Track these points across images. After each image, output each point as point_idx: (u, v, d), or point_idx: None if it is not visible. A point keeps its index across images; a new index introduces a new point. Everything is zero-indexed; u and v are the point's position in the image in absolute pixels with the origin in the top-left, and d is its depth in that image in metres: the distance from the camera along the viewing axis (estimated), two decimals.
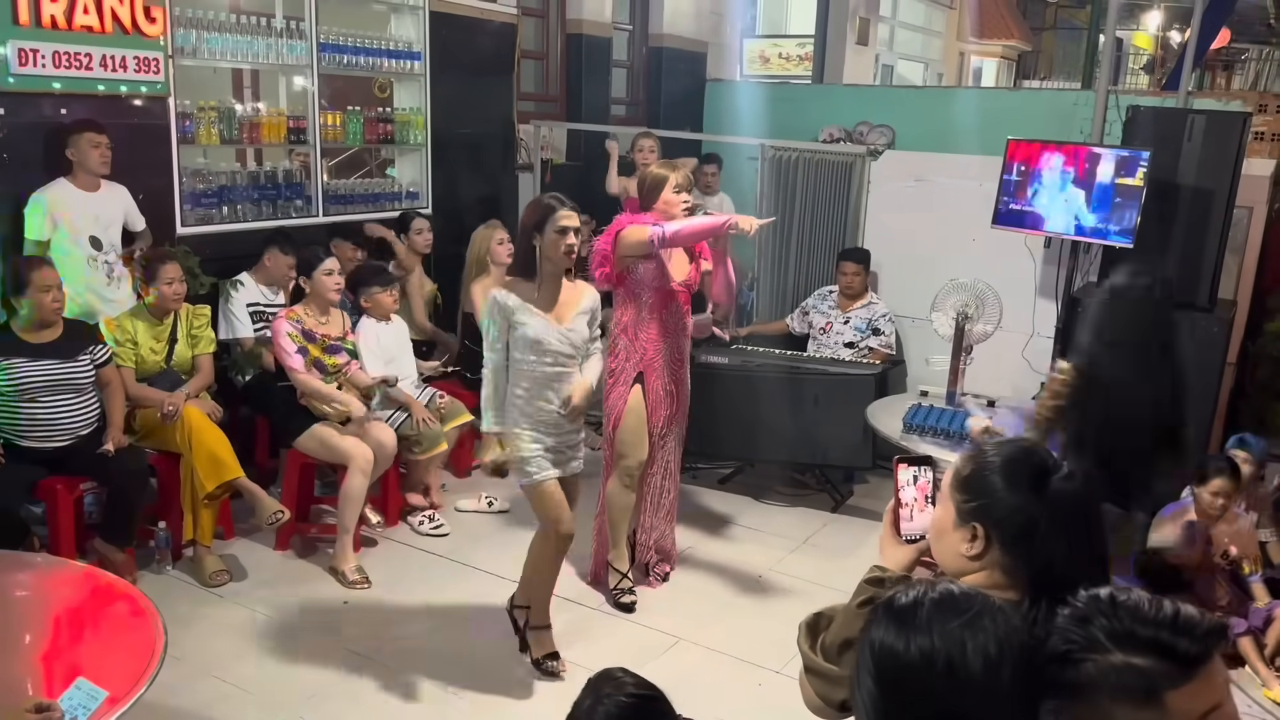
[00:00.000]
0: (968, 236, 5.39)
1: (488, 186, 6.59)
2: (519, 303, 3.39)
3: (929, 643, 1.16)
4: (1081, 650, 1.22)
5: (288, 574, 4.31)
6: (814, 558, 4.68)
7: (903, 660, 1.17)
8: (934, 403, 4.34)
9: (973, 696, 1.14)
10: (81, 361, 3.92)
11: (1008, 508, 1.60)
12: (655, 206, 3.98)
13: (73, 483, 3.91)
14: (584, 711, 2.03)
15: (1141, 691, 1.17)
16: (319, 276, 4.39)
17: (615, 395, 4.05)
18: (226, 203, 5.09)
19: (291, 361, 4.30)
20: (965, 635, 1.15)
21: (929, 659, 1.15)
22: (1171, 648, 1.16)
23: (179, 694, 3.30)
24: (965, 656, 1.14)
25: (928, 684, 1.15)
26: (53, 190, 4.19)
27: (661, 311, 3.99)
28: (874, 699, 1.19)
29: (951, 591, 1.21)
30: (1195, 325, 4.78)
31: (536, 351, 3.40)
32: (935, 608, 1.19)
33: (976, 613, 1.18)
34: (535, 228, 3.38)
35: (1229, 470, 4.04)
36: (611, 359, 4.02)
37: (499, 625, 3.79)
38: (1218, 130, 4.76)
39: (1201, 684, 1.17)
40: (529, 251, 3.41)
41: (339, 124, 5.54)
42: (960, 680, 1.14)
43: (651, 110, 8.23)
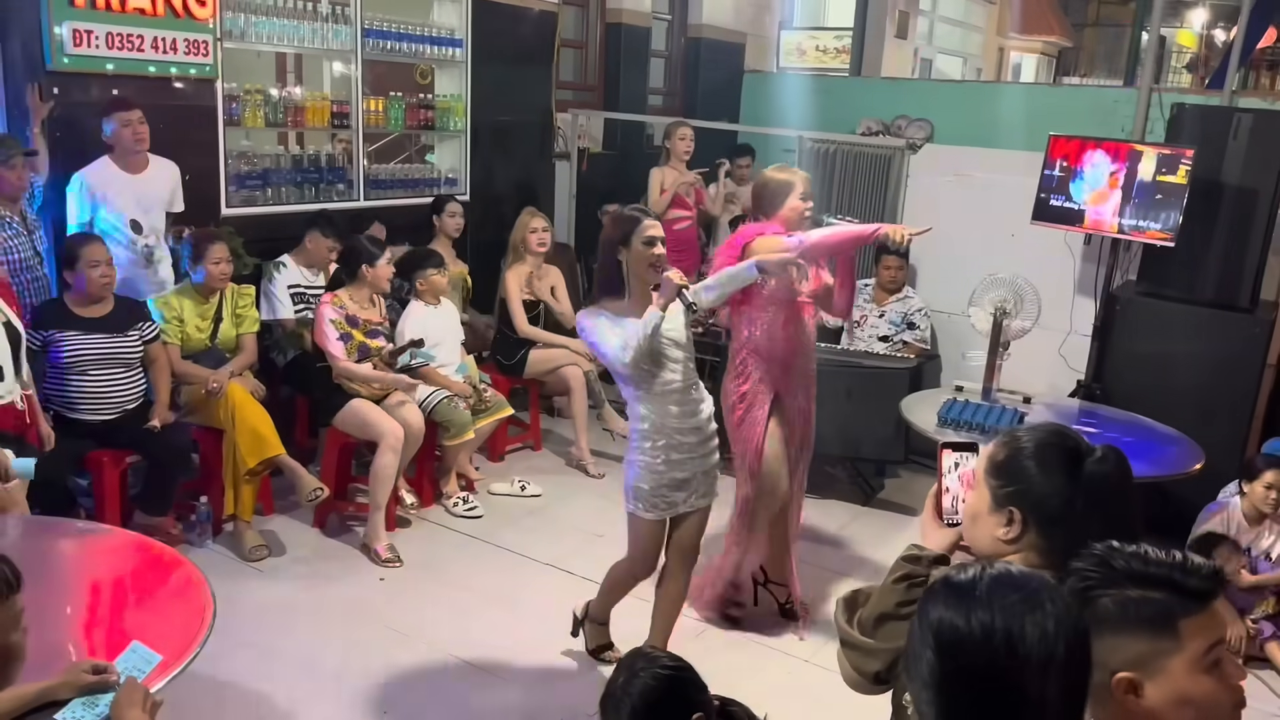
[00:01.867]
0: (1007, 232, 5.37)
1: (525, 174, 6.63)
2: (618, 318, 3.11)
3: (989, 617, 1.19)
4: (1099, 586, 1.32)
5: (325, 551, 4.38)
6: (844, 550, 4.70)
7: (962, 634, 1.20)
8: (969, 398, 4.33)
9: (1030, 672, 1.16)
10: (131, 337, 4.00)
11: (1043, 491, 1.66)
12: (778, 215, 3.65)
13: (119, 455, 4.00)
14: (619, 687, 2.08)
15: (1160, 619, 1.28)
16: (382, 266, 4.46)
17: (751, 423, 3.70)
18: (270, 185, 5.16)
19: (333, 349, 4.36)
20: (1025, 611, 1.18)
21: (989, 633, 1.18)
22: (1183, 584, 1.29)
23: (218, 664, 3.35)
24: (1024, 632, 1.17)
25: (987, 658, 1.18)
26: (94, 170, 4.25)
27: (793, 327, 3.69)
28: (933, 671, 1.22)
29: (1010, 570, 1.24)
30: (1235, 326, 4.75)
31: (657, 364, 3.13)
32: (994, 584, 1.22)
33: (1035, 590, 1.21)
34: (621, 242, 3.13)
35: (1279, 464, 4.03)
36: (741, 382, 3.72)
37: (531, 605, 3.84)
38: (1264, 129, 4.71)
39: (1210, 617, 1.29)
40: (615, 268, 3.15)
41: (381, 109, 5.59)
42: (1019, 655, 1.17)
43: (689, 101, 8.23)
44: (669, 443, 3.18)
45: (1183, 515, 4.29)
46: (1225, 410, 4.70)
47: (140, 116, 4.29)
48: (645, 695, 2.04)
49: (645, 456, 3.19)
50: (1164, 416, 4.40)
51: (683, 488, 3.24)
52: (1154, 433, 4.29)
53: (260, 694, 3.34)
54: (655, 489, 3.20)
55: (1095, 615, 1.30)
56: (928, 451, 5.27)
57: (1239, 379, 4.73)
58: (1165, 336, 4.86)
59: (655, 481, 3.19)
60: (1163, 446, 4.12)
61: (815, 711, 3.33)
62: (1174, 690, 1.29)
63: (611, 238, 3.16)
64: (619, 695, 2.07)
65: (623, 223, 3.15)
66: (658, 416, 3.16)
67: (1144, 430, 4.32)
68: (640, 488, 3.21)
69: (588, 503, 5.03)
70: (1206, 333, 4.78)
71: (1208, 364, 4.75)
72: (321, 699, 3.34)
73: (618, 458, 5.61)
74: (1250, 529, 4.09)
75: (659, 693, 2.05)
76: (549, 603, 3.97)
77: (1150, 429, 4.33)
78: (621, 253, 3.13)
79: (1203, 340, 4.78)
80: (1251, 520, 4.09)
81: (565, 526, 4.77)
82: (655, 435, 3.17)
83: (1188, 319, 4.83)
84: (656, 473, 3.19)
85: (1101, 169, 4.91)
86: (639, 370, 3.10)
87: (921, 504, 1.89)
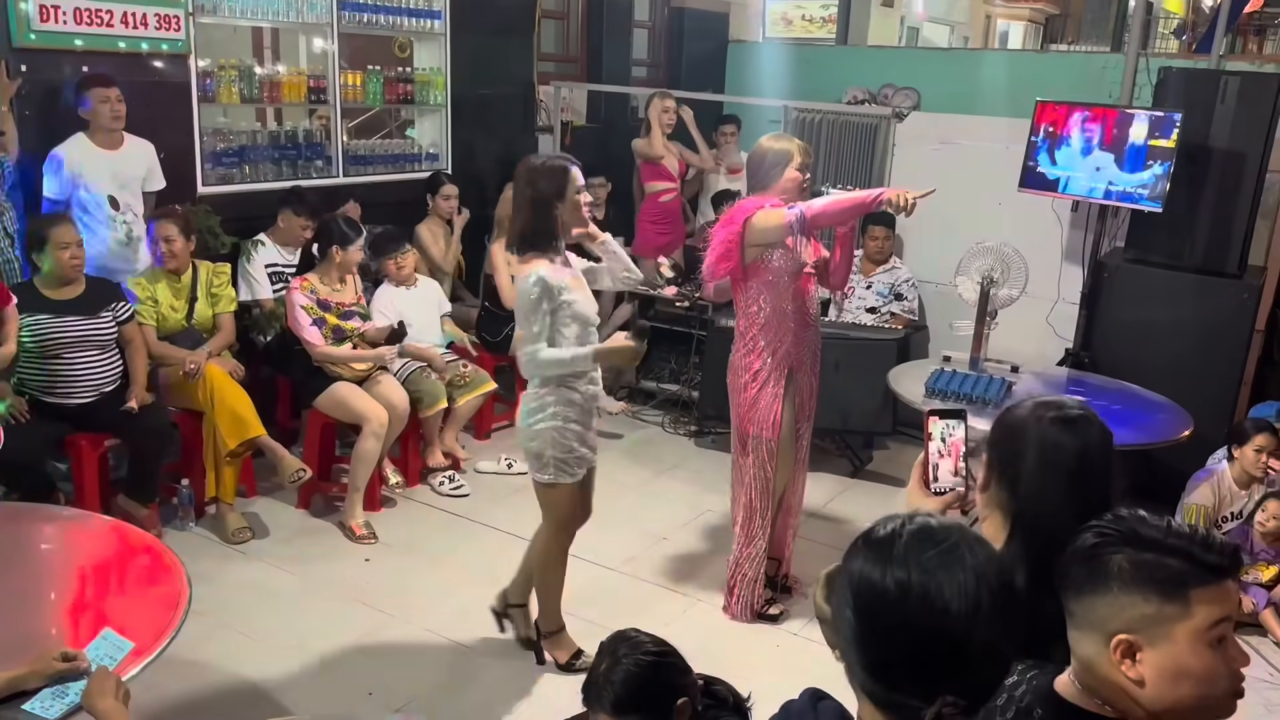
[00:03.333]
0: (994, 200, 5.32)
1: (507, 148, 6.54)
2: (561, 279, 3.06)
3: (905, 574, 1.16)
4: (1115, 544, 1.30)
5: (309, 532, 4.34)
6: (832, 522, 4.68)
7: (878, 590, 1.17)
8: (957, 368, 4.30)
9: (950, 628, 1.14)
10: (104, 318, 3.94)
11: (1009, 443, 1.79)
12: (775, 186, 3.53)
13: (97, 439, 3.95)
14: (601, 674, 2.04)
15: (1172, 583, 1.26)
16: (353, 252, 4.40)
17: (767, 398, 3.63)
18: (247, 162, 5.07)
19: (308, 335, 4.30)
20: (940, 566, 1.16)
21: (904, 589, 1.16)
22: (1201, 558, 1.27)
23: (201, 648, 3.34)
24: (940, 588, 1.15)
25: (902, 615, 1.16)
26: (70, 147, 4.17)
27: (801, 299, 3.60)
28: (852, 628, 1.20)
29: (929, 524, 1.21)
30: (1224, 292, 4.72)
31: (585, 329, 3.13)
32: (912, 539, 1.19)
33: (953, 544, 1.17)
34: (557, 195, 3.07)
35: (1269, 428, 4.01)
36: (754, 358, 3.64)
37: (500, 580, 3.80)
38: (1251, 93, 4.66)
39: (1221, 591, 1.28)
40: (552, 222, 3.08)
41: (359, 84, 5.50)
42: (936, 611, 1.14)
43: (673, 72, 8.12)
44: (579, 406, 3.17)
45: (1171, 482, 4.29)
46: (1213, 376, 4.67)
47: (119, 95, 4.21)
48: (628, 683, 2.00)
49: (555, 422, 3.14)
50: (1152, 383, 4.38)
51: (588, 443, 3.24)
52: (1142, 400, 4.27)
53: (244, 676, 3.31)
54: (570, 451, 3.18)
55: (1105, 571, 1.29)
56: (916, 423, 5.24)
57: (1227, 345, 4.71)
58: (1153, 303, 4.82)
59: (568, 444, 3.16)
60: (1151, 413, 4.10)
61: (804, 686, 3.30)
62: (1173, 660, 1.26)
63: (545, 192, 3.07)
64: (601, 683, 2.02)
65: (554, 175, 3.08)
66: (566, 387, 3.14)
67: (1132, 397, 4.30)
68: (554, 455, 3.16)
69: None
70: (1195, 299, 4.75)
71: (1196, 330, 4.72)
72: (306, 680, 3.31)
73: (604, 434, 5.56)
74: (1240, 493, 4.09)
75: (642, 679, 2.00)
76: None
77: (1138, 396, 4.31)
78: (557, 207, 3.07)
79: (1191, 306, 4.75)
80: (1241, 485, 4.09)
81: None
82: (564, 403, 3.14)
83: (1176, 285, 4.79)
84: (569, 436, 3.16)
85: (1087, 135, 4.85)
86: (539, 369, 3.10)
87: (910, 475, 1.88)
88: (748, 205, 3.57)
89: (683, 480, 5.12)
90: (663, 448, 5.54)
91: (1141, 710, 1.29)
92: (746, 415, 3.69)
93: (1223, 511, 4.09)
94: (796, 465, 3.88)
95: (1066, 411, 1.80)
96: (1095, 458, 1.76)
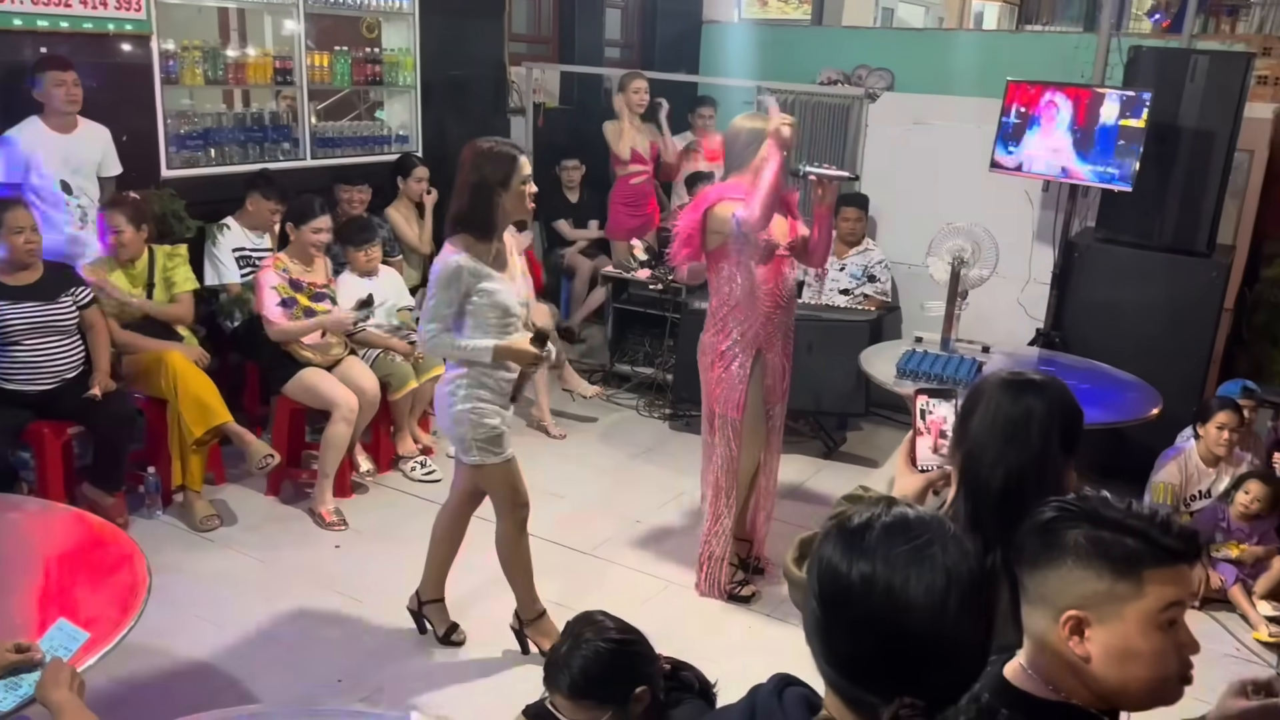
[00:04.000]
0: (966, 180, 5.31)
1: (479, 130, 6.36)
2: (482, 267, 3.04)
3: (870, 567, 1.12)
4: (1074, 520, 1.29)
5: (279, 518, 4.30)
6: (806, 504, 4.68)
7: (843, 582, 1.13)
8: (929, 348, 4.30)
9: (912, 625, 1.09)
10: (63, 303, 3.87)
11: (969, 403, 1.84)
12: (752, 165, 3.48)
13: (59, 427, 3.89)
14: (561, 655, 2.02)
15: (1126, 561, 1.25)
16: (307, 232, 4.31)
17: (732, 378, 3.63)
18: (213, 145, 5.00)
19: (269, 313, 4.24)
20: (910, 562, 1.11)
21: (869, 583, 1.11)
22: (1158, 540, 1.26)
23: (169, 636, 3.30)
24: (907, 584, 1.10)
25: (866, 609, 1.11)
26: (25, 130, 4.10)
27: (774, 282, 3.57)
28: (816, 618, 1.17)
29: (906, 516, 1.16)
30: (1193, 271, 4.74)
31: (503, 318, 3.10)
32: (885, 531, 1.14)
33: (925, 540, 1.12)
34: (501, 183, 3.02)
35: (1231, 405, 4.04)
36: (722, 339, 3.63)
37: (490, 568, 3.78)
38: (1220, 71, 4.67)
39: (1176, 574, 1.27)
40: (491, 208, 3.03)
41: (326, 65, 5.42)
42: (899, 608, 1.10)
43: (646, 53, 8.08)
44: (494, 383, 3.15)
45: (1142, 460, 4.32)
46: (1183, 355, 4.70)
47: (75, 79, 4.13)
48: (586, 668, 1.98)
49: (473, 404, 3.12)
50: (1122, 362, 4.39)
51: (508, 422, 3.23)
52: (1112, 379, 4.29)
53: (212, 665, 3.28)
54: (490, 430, 3.15)
55: (1061, 545, 1.28)
56: (889, 404, 5.26)
57: (1196, 323, 4.73)
58: (1123, 282, 4.84)
59: (485, 424, 3.14)
60: (1121, 392, 4.12)
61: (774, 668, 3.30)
62: (1121, 639, 1.25)
63: (489, 178, 3.02)
64: (560, 664, 2.01)
65: (501, 161, 3.03)
66: (480, 369, 3.11)
67: (1102, 376, 4.31)
68: (474, 437, 3.14)
69: (548, 464, 4.96)
70: (1164, 278, 4.77)
71: (1166, 309, 4.74)
72: (275, 668, 3.28)
73: (579, 418, 5.56)
74: (1207, 470, 4.12)
75: (601, 664, 1.99)
76: None
77: (1109, 375, 4.33)
78: (499, 194, 3.03)
79: (1160, 285, 4.77)
80: (1208, 463, 4.11)
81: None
82: (475, 385, 3.11)
83: (1145, 264, 4.81)
84: (484, 414, 3.13)
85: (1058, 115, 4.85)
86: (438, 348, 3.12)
87: (884, 457, 1.91)
88: (710, 194, 3.57)
89: (657, 463, 5.11)
90: (637, 431, 5.52)
91: (1086, 691, 1.29)
92: (714, 395, 3.69)
93: (1190, 490, 4.12)
94: (769, 447, 3.87)
95: (1019, 375, 1.83)
96: (1038, 420, 1.77)
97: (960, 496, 1.80)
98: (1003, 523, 1.70)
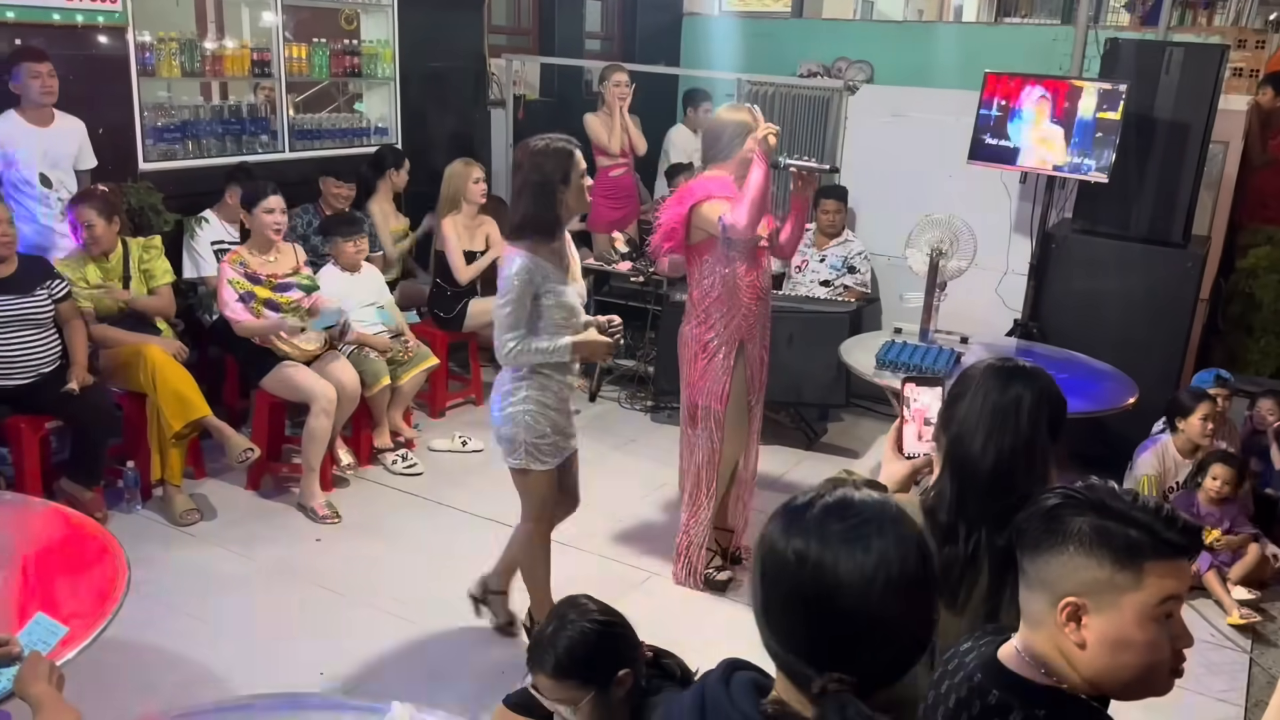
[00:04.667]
0: (944, 172, 5.34)
1: (459, 122, 6.47)
2: (550, 268, 2.98)
3: (804, 544, 1.13)
4: (1079, 508, 1.29)
5: (259, 512, 4.29)
6: (787, 495, 4.68)
7: (780, 558, 1.15)
8: (908, 339, 4.33)
9: (841, 602, 1.11)
10: (39, 296, 3.84)
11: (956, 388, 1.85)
12: (735, 157, 3.50)
13: (37, 421, 3.86)
14: (546, 636, 2.03)
15: (1128, 551, 1.26)
16: (259, 214, 4.21)
17: (715, 369, 3.63)
18: (190, 138, 4.98)
19: (231, 313, 4.21)
20: (842, 542, 1.12)
21: (801, 560, 1.13)
22: (1162, 533, 1.27)
23: (149, 630, 3.29)
24: (836, 563, 1.11)
25: (796, 584, 1.13)
26: (1, 123, 4.07)
27: (755, 273, 3.59)
28: (757, 593, 1.19)
29: (850, 498, 1.17)
30: (1169, 262, 4.78)
31: (569, 318, 3.04)
32: (824, 511, 1.16)
33: (863, 520, 1.14)
34: (562, 179, 2.96)
35: (1207, 396, 4.09)
36: (705, 330, 3.63)
37: (472, 560, 3.79)
38: (1196, 63, 4.70)
39: (1175, 568, 1.28)
40: (555, 206, 2.97)
41: (304, 57, 5.40)
42: (828, 584, 1.11)
43: (627, 45, 8.08)
44: (557, 389, 3.10)
45: (1120, 448, 4.35)
46: (1159, 344, 4.75)
47: (51, 69, 4.10)
48: (571, 649, 2.00)
49: (528, 406, 3.06)
50: (1099, 352, 4.44)
51: (564, 430, 3.17)
52: (1089, 369, 4.33)
53: (192, 660, 3.27)
54: (543, 437, 3.11)
55: (1064, 532, 1.29)
56: (869, 395, 5.29)
57: (1172, 313, 4.78)
58: (1100, 273, 4.88)
59: (541, 430, 3.09)
60: (1098, 382, 4.16)
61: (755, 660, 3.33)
62: (1117, 629, 1.26)
63: (550, 175, 2.96)
64: (544, 645, 2.02)
65: (560, 158, 2.98)
66: (543, 374, 3.06)
67: (1080, 366, 4.35)
68: (526, 440, 3.08)
69: None
70: (1141, 268, 4.81)
71: (1142, 299, 4.79)
72: (255, 662, 3.28)
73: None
74: (1185, 461, 4.16)
75: (585, 645, 2.00)
76: (490, 558, 3.92)
77: (1086, 365, 4.37)
78: (561, 190, 2.97)
79: (1137, 276, 4.81)
80: (1186, 454, 4.16)
81: (507, 481, 4.63)
82: (538, 388, 3.07)
83: (1122, 255, 4.85)
84: (542, 421, 3.08)
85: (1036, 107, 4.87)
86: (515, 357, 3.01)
87: (864, 447, 1.92)
88: (696, 189, 3.56)
89: (639, 455, 5.12)
90: (619, 423, 5.53)
91: (1078, 676, 1.30)
92: (696, 386, 3.70)
93: (1168, 482, 4.17)
94: (749, 438, 3.89)
95: (1008, 363, 1.85)
96: (1028, 406, 1.78)
97: (945, 479, 1.81)
98: (989, 506, 1.73)
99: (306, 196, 5.14)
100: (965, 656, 1.41)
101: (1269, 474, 4.40)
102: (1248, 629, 3.78)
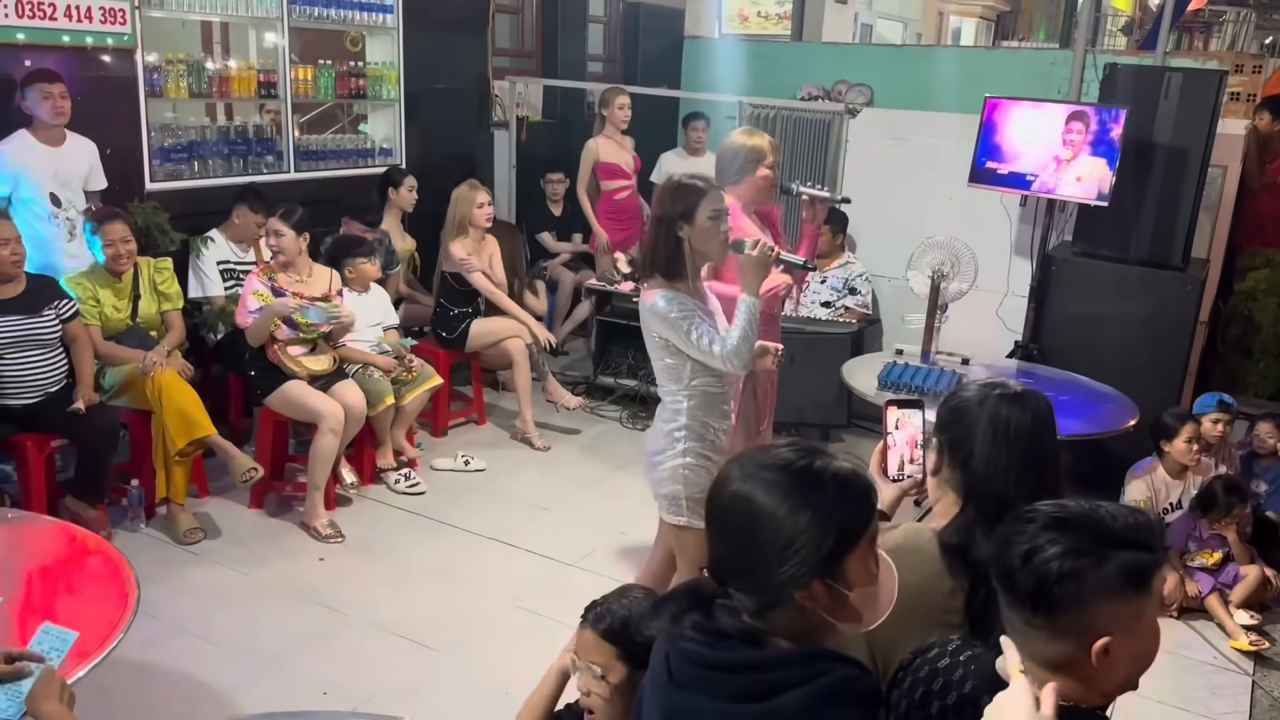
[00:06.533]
0: (944, 195, 5.38)
1: (463, 144, 6.51)
2: (687, 300, 2.81)
3: (746, 489, 1.41)
4: (1072, 559, 1.27)
5: (262, 531, 4.29)
6: None
7: (723, 501, 1.46)
8: (909, 361, 4.35)
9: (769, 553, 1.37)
10: (46, 316, 3.86)
11: (957, 422, 1.84)
12: (747, 182, 3.48)
13: (43, 440, 3.88)
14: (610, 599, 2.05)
15: (1140, 575, 1.28)
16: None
17: None
18: (196, 158, 5.01)
19: (241, 318, 4.26)
20: (780, 493, 1.38)
21: (737, 500, 1.43)
22: (1146, 541, 1.30)
23: (152, 650, 3.29)
24: (771, 511, 1.38)
25: (725, 521, 1.46)
26: (12, 144, 4.10)
27: (768, 299, 3.44)
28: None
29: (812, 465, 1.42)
30: (1168, 285, 4.81)
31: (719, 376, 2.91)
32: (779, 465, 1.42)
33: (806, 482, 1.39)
34: (683, 216, 2.80)
35: (1191, 417, 4.13)
36: None
37: (475, 580, 3.81)
38: (1194, 88, 4.75)
39: (1165, 565, 1.37)
40: (675, 245, 2.81)
41: (310, 78, 5.44)
42: (756, 529, 1.39)
43: (628, 67, 8.14)
44: (714, 441, 2.96)
45: (1118, 470, 4.37)
46: (1159, 367, 4.77)
47: (63, 90, 4.14)
48: (628, 620, 1.96)
49: (690, 459, 2.91)
50: (1099, 374, 4.45)
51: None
52: (1090, 390, 4.35)
53: (196, 679, 3.26)
54: (705, 490, 2.94)
55: (1077, 593, 1.25)
56: (870, 415, 5.30)
57: (1172, 336, 4.80)
58: (1100, 296, 4.91)
59: (707, 481, 2.74)
60: (1098, 404, 4.18)
61: None
62: (1140, 641, 1.30)
63: (670, 213, 2.82)
64: (603, 606, 2.01)
65: (684, 195, 2.83)
66: (704, 415, 2.92)
67: (1080, 388, 4.37)
68: (689, 496, 2.89)
69: (532, 476, 4.99)
70: (1140, 291, 4.84)
71: (1141, 322, 4.81)
72: (259, 682, 3.28)
73: (562, 430, 5.57)
74: (1175, 483, 4.19)
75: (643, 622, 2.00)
76: (493, 577, 3.94)
77: (1086, 387, 4.39)
78: (683, 229, 2.81)
79: (1137, 299, 4.84)
80: (1174, 475, 4.20)
81: (510, 500, 4.72)
82: (695, 438, 2.92)
83: (1122, 278, 4.88)
84: (707, 472, 2.86)
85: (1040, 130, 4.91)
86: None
87: (864, 468, 1.91)
88: None
89: (640, 475, 5.06)
90: (620, 443, 5.54)
91: (1096, 693, 1.31)
92: None
93: (1160, 504, 4.19)
94: None
95: (1012, 388, 1.85)
96: (1043, 429, 1.80)
97: (970, 514, 1.77)
98: None
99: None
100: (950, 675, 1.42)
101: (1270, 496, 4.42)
102: (1253, 653, 3.78)
